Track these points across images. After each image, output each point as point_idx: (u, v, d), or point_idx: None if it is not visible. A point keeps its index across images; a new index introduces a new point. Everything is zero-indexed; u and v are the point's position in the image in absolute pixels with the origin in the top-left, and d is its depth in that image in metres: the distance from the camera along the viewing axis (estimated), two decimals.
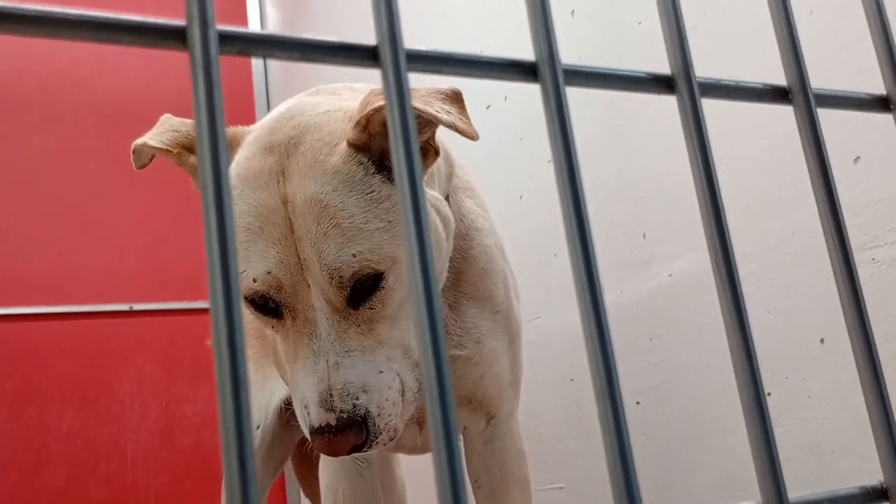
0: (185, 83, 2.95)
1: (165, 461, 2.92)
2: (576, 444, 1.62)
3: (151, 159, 0.96)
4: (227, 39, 0.33)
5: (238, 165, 0.88)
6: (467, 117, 0.85)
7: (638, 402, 1.46)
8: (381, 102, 0.83)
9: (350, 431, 0.81)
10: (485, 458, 1.15)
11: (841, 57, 1.10)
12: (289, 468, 2.03)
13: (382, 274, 0.84)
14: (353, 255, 0.82)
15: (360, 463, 1.16)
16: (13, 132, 3.01)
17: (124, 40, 0.32)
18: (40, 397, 2.83)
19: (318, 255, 0.82)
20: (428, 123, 0.86)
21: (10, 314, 2.86)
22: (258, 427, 1.37)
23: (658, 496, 1.41)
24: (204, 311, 3.01)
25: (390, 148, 0.34)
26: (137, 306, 3.01)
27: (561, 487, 1.66)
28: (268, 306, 0.87)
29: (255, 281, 0.84)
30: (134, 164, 0.96)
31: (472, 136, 0.83)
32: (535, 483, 1.21)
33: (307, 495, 1.73)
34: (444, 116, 0.82)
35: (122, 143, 1.25)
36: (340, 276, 0.82)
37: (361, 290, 0.84)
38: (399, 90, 0.35)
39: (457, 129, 0.83)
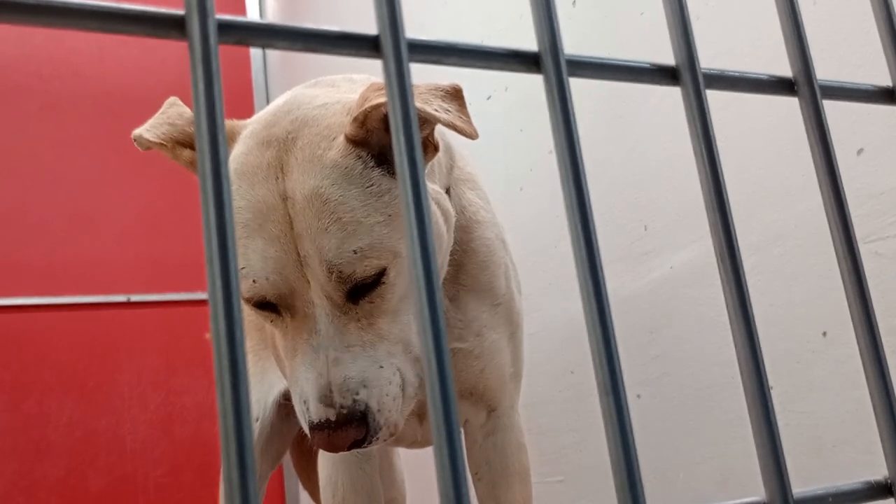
0: (184, 71, 2.94)
1: (164, 452, 2.93)
2: (575, 437, 1.62)
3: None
4: (226, 29, 0.33)
5: (235, 160, 0.87)
6: (467, 115, 0.84)
7: (638, 395, 1.46)
8: (380, 100, 0.82)
9: (350, 427, 0.81)
10: (486, 451, 1.14)
11: (843, 47, 1.10)
12: (287, 461, 2.03)
13: (384, 269, 0.84)
14: (354, 252, 0.81)
15: (360, 455, 1.16)
16: (10, 120, 2.99)
17: (123, 29, 0.31)
18: (39, 388, 2.83)
19: (319, 252, 0.81)
20: (427, 120, 0.85)
21: (9, 305, 2.86)
22: (257, 419, 1.37)
23: (658, 489, 1.41)
24: (202, 302, 3.00)
25: (392, 140, 0.34)
26: (135, 297, 3.01)
27: (560, 480, 1.66)
28: (266, 302, 0.86)
29: (254, 282, 0.83)
30: (139, 148, 0.96)
31: (471, 136, 0.82)
32: (535, 475, 1.21)
33: (306, 488, 1.73)
34: (443, 116, 0.82)
35: (120, 132, 1.24)
36: (340, 272, 0.81)
37: (362, 284, 0.84)
38: (401, 81, 0.34)
39: (455, 129, 0.82)
